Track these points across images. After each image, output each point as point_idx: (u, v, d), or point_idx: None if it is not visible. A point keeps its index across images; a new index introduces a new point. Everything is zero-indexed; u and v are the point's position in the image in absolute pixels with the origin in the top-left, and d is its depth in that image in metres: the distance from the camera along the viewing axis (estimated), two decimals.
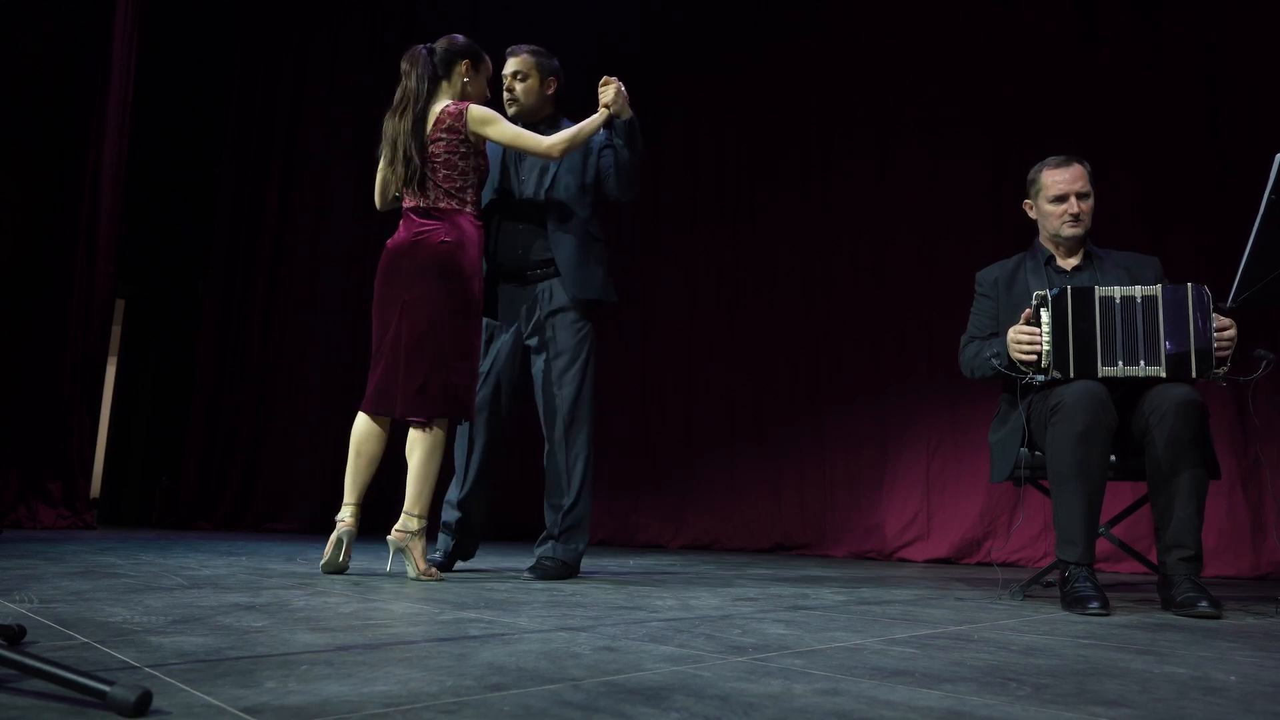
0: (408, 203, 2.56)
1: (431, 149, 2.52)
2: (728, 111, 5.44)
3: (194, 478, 6.47)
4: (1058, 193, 2.42)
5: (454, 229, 2.48)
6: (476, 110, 2.54)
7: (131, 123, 5.83)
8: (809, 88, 5.14)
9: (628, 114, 2.64)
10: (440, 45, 2.64)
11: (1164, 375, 2.13)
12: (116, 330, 6.91)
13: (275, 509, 6.21)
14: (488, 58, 2.73)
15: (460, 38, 2.66)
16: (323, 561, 2.47)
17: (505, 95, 2.81)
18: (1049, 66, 4.32)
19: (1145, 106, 4.04)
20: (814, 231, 5.01)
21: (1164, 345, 2.12)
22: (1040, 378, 2.22)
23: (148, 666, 1.07)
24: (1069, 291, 2.19)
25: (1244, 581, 3.38)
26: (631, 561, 3.64)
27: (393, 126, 2.57)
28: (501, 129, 2.52)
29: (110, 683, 0.85)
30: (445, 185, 2.51)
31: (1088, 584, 2.05)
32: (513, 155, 2.77)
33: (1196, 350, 2.10)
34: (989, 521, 4.18)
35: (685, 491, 5.19)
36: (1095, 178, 2.46)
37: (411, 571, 2.40)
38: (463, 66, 2.63)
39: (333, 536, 2.47)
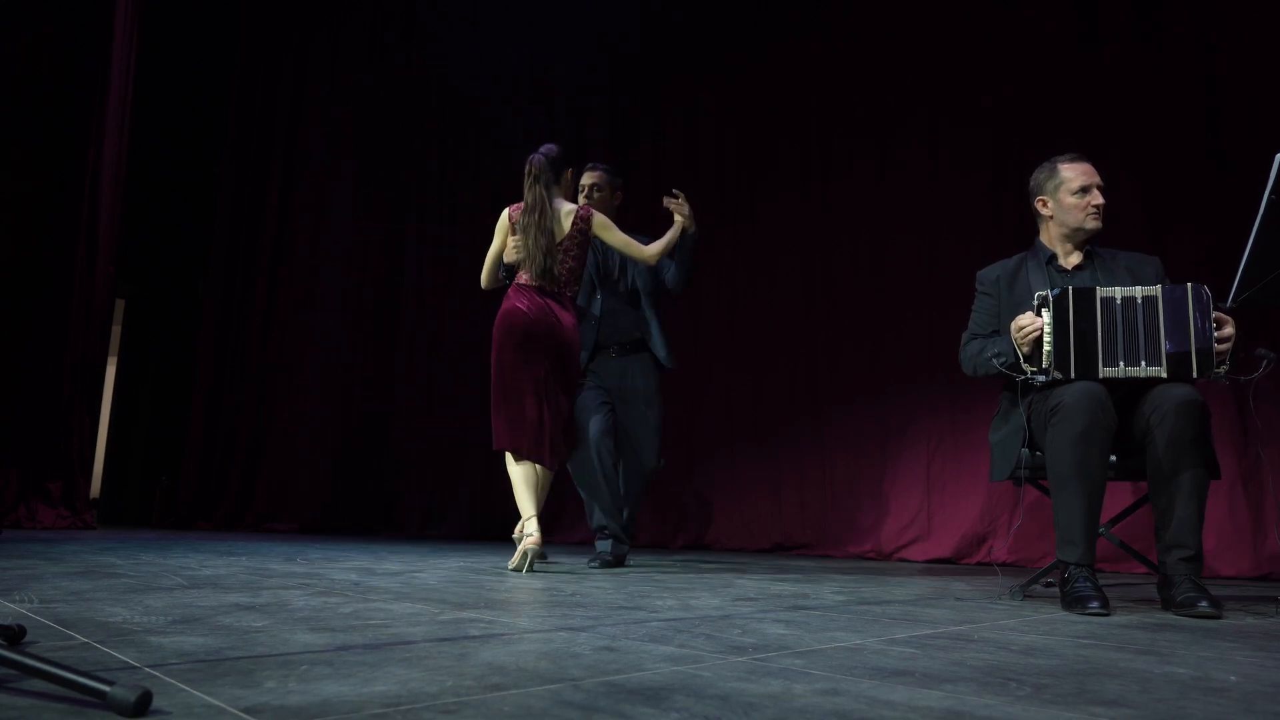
0: (529, 281, 3.05)
1: (565, 244, 3.06)
2: (728, 111, 5.44)
3: (194, 478, 6.47)
4: (1082, 184, 2.41)
5: (573, 312, 3.09)
6: (600, 217, 3.13)
7: (131, 123, 5.83)
8: (809, 88, 5.14)
9: (694, 229, 3.24)
10: (549, 157, 3.15)
11: (1164, 375, 2.12)
12: (116, 330, 6.91)
13: (275, 509, 6.21)
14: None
15: (555, 149, 3.19)
16: (512, 566, 2.84)
17: (582, 200, 3.46)
18: (1049, 66, 4.32)
19: (1145, 106, 4.03)
20: (814, 231, 5.01)
21: (1164, 345, 2.12)
22: (1042, 378, 2.21)
23: (148, 666, 1.07)
24: (1070, 291, 2.19)
25: (1244, 581, 3.38)
26: (632, 561, 3.64)
27: (525, 222, 3.07)
28: (617, 234, 3.14)
29: (110, 683, 0.85)
30: (569, 275, 3.08)
31: (1088, 584, 2.05)
32: (603, 253, 3.45)
33: (1197, 350, 2.10)
34: (989, 521, 4.17)
35: (685, 491, 5.19)
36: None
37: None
38: (568, 173, 3.23)
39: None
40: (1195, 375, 2.11)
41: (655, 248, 3.13)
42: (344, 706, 0.89)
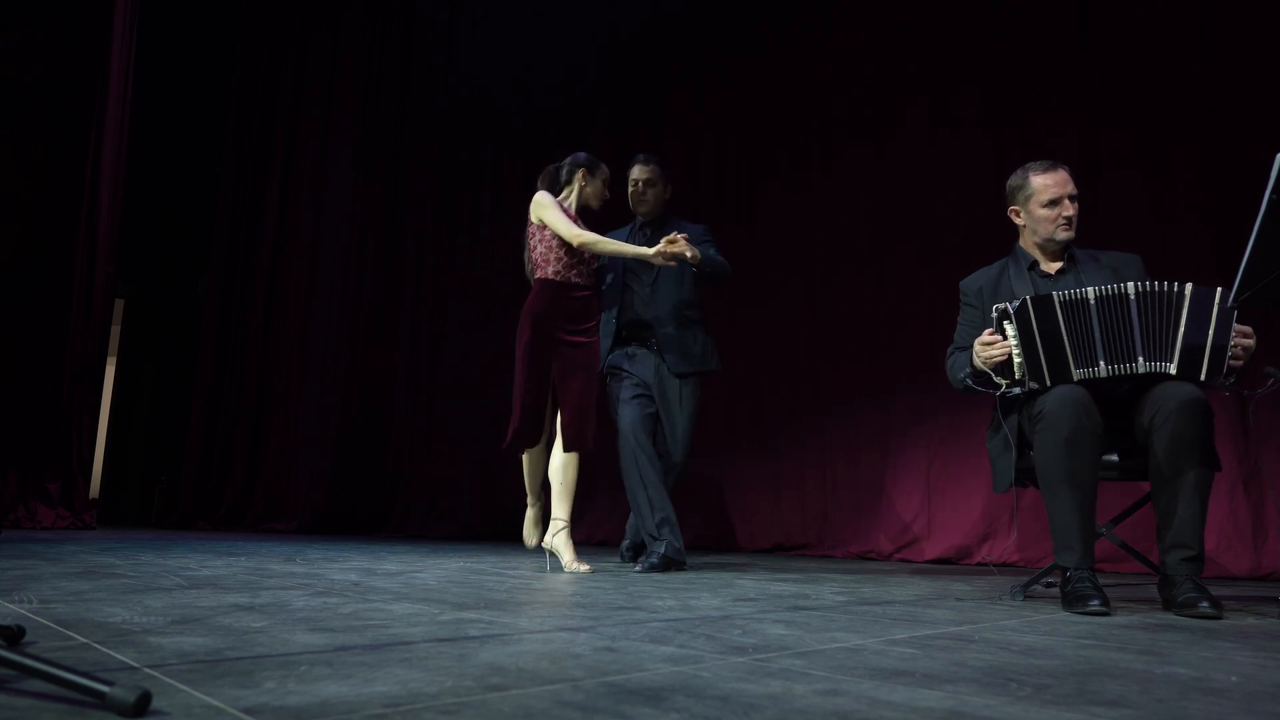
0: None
1: (530, 230, 3.11)
2: (728, 112, 5.44)
3: (194, 478, 6.47)
4: (1051, 196, 2.40)
5: (536, 293, 3.05)
6: (537, 196, 3.07)
7: (131, 123, 5.83)
8: (809, 88, 5.14)
9: (700, 257, 3.10)
10: (558, 166, 3.21)
11: (1173, 371, 2.10)
12: (116, 330, 6.91)
13: (275, 509, 6.21)
14: (604, 166, 3.24)
15: (581, 155, 3.20)
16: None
17: (635, 194, 3.40)
18: (1049, 66, 4.32)
19: (1146, 106, 4.03)
20: (815, 232, 5.01)
21: (1179, 339, 2.10)
22: (1017, 389, 2.21)
23: (147, 667, 1.07)
24: (1029, 302, 2.19)
25: (1244, 581, 3.38)
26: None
27: None
28: (546, 213, 3.02)
29: (110, 683, 0.84)
30: (535, 259, 3.09)
31: (1088, 584, 2.04)
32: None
33: (1213, 347, 2.08)
34: (989, 522, 4.17)
35: (685, 492, 5.18)
36: (1096, 178, 2.45)
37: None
38: (580, 174, 3.17)
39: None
40: (1204, 377, 2.09)
41: (590, 237, 2.99)
42: (343, 707, 0.89)
